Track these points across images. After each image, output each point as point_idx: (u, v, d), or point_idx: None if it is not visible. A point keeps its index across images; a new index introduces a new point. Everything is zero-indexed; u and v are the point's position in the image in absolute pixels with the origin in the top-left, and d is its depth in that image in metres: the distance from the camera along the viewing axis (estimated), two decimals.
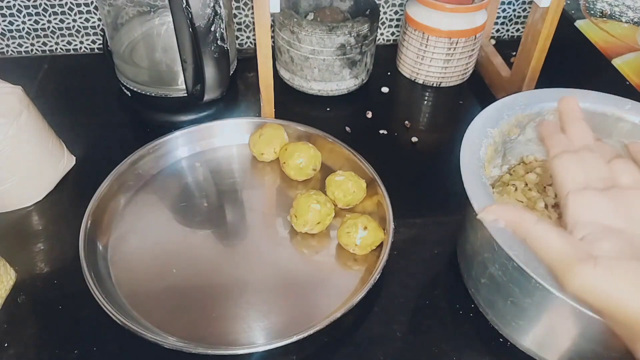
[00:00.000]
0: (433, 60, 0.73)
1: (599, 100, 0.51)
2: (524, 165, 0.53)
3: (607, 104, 0.51)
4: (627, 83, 0.66)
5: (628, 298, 0.28)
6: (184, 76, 0.60)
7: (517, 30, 0.86)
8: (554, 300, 0.38)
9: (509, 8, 0.83)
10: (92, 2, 0.74)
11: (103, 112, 0.69)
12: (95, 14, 0.75)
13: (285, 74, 0.73)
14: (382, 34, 0.84)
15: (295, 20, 0.66)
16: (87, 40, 0.78)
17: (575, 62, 0.72)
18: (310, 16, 0.73)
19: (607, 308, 0.30)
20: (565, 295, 0.31)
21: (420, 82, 0.76)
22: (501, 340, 0.47)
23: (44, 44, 0.78)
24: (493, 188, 0.53)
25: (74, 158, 0.61)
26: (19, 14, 0.74)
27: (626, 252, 0.30)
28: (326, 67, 0.69)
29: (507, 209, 0.35)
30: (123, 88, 0.67)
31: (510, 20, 0.85)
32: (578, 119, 0.38)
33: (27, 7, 0.73)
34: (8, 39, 0.76)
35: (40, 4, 0.73)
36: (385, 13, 0.81)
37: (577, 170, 0.35)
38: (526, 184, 0.51)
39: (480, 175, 0.42)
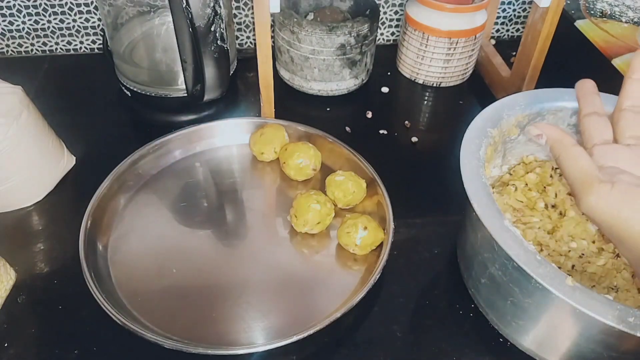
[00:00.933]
0: (433, 60, 0.73)
1: (604, 102, 0.51)
2: (524, 165, 0.53)
3: (607, 104, 0.51)
4: None
5: (636, 219, 0.31)
6: (184, 76, 0.60)
7: (517, 30, 0.86)
8: (554, 300, 0.38)
9: (509, 8, 0.83)
10: (92, 2, 0.74)
11: (103, 112, 0.69)
12: (95, 14, 0.75)
13: (285, 74, 0.73)
14: (382, 34, 0.84)
15: (295, 20, 0.66)
16: (87, 40, 0.78)
17: (575, 62, 0.72)
18: (310, 16, 0.73)
19: (616, 227, 0.32)
20: (583, 211, 0.34)
21: (420, 82, 0.76)
22: (501, 340, 0.47)
23: (44, 44, 0.78)
24: (493, 188, 0.53)
25: (74, 158, 0.61)
26: (19, 14, 0.74)
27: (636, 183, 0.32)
28: (326, 67, 0.69)
29: (551, 127, 0.37)
30: (123, 88, 0.67)
31: (510, 20, 0.85)
32: (634, 80, 0.40)
33: (27, 7, 0.73)
34: (8, 39, 0.76)
35: (40, 4, 0.73)
36: (385, 13, 0.81)
37: (604, 129, 0.38)
38: (526, 184, 0.51)
39: (480, 175, 0.42)
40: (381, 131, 0.68)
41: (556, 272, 0.36)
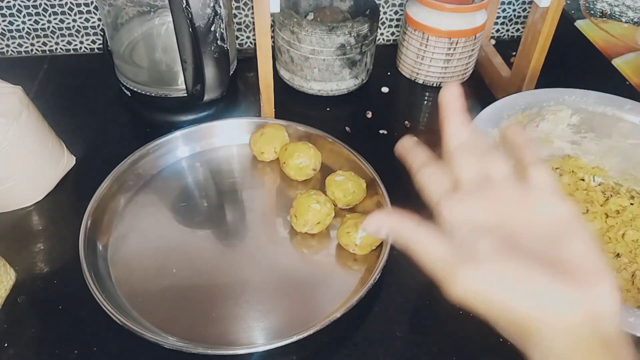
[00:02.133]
0: (433, 60, 0.73)
1: (599, 100, 0.51)
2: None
3: (607, 104, 0.51)
4: (627, 83, 0.66)
5: (513, 298, 0.27)
6: (184, 76, 0.60)
7: (517, 30, 0.86)
8: None
9: (509, 8, 0.83)
10: (92, 2, 0.74)
11: (103, 112, 0.69)
12: (95, 14, 0.75)
13: (285, 74, 0.73)
14: (382, 34, 0.84)
15: (295, 20, 0.66)
16: (87, 40, 0.78)
17: (575, 62, 0.72)
18: (310, 16, 0.73)
19: (494, 311, 0.29)
20: (456, 302, 0.30)
21: (420, 82, 0.76)
22: (501, 340, 0.46)
23: (44, 44, 0.78)
24: None
25: (74, 158, 0.61)
26: (19, 14, 0.74)
27: (504, 250, 0.28)
28: (326, 67, 0.69)
29: (387, 215, 0.33)
30: (123, 88, 0.67)
31: (510, 20, 0.85)
32: (455, 113, 0.36)
33: (27, 7, 0.73)
34: (8, 39, 0.76)
35: (40, 4, 0.73)
36: (385, 13, 0.81)
37: (441, 178, 0.34)
38: None
39: None
40: (381, 131, 0.68)
41: None
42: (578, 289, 0.27)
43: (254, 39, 0.61)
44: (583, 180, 0.56)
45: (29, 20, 0.75)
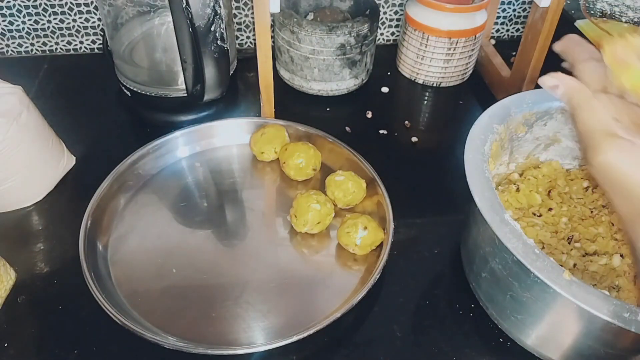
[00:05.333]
0: (433, 60, 0.73)
1: None
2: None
3: None
4: None
5: None
6: (184, 76, 0.60)
7: (517, 30, 0.86)
8: (552, 294, 0.38)
9: (509, 8, 0.83)
10: (92, 2, 0.74)
11: (103, 112, 0.69)
12: (95, 14, 0.75)
13: (285, 74, 0.73)
14: (382, 34, 0.84)
15: (295, 20, 0.66)
16: (87, 40, 0.78)
17: None
18: (310, 16, 0.73)
19: (623, 186, 0.31)
20: (597, 165, 0.32)
21: (420, 82, 0.76)
22: (501, 340, 0.47)
23: (44, 44, 0.78)
24: (499, 185, 0.53)
25: (74, 158, 0.61)
26: (19, 14, 0.74)
27: None
28: (326, 67, 0.69)
29: (568, 77, 0.35)
30: (123, 88, 0.67)
31: (510, 20, 0.85)
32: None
33: (27, 7, 0.73)
34: (8, 39, 0.76)
35: (40, 4, 0.73)
36: (385, 13, 0.81)
37: (603, 76, 0.35)
38: (531, 190, 0.51)
39: (483, 170, 0.42)
40: (381, 131, 0.68)
41: (553, 266, 0.36)
42: None
43: (254, 39, 0.61)
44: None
45: (29, 20, 0.75)
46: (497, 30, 0.86)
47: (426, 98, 0.75)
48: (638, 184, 0.30)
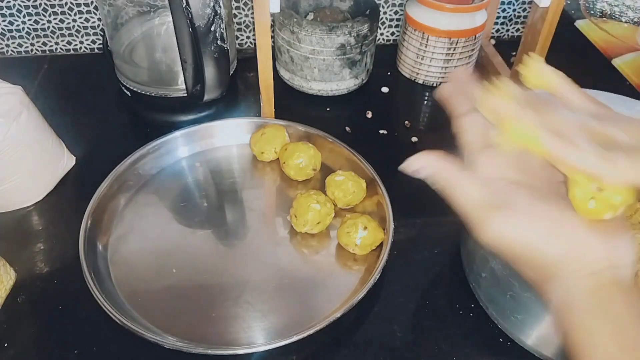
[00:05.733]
0: (433, 60, 0.73)
1: (610, 100, 0.50)
2: None
3: (617, 104, 0.50)
4: (627, 83, 0.66)
5: (541, 242, 0.30)
6: (184, 76, 0.60)
7: (517, 30, 0.86)
8: None
9: (509, 8, 0.83)
10: (92, 2, 0.74)
11: (103, 112, 0.69)
12: (95, 14, 0.75)
13: (285, 74, 0.73)
14: (382, 34, 0.84)
15: (295, 20, 0.66)
16: (87, 40, 0.78)
17: (575, 62, 0.72)
18: (310, 16, 0.73)
19: (521, 254, 0.31)
20: (487, 243, 0.32)
21: (420, 82, 0.76)
22: (501, 340, 0.47)
23: (44, 44, 0.78)
24: None
25: (74, 158, 0.61)
26: (19, 14, 0.74)
27: (538, 201, 0.31)
28: (326, 67, 0.69)
29: (429, 157, 0.34)
30: (123, 88, 0.67)
31: (510, 20, 0.85)
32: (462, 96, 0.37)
33: (27, 7, 0.73)
34: (8, 39, 0.76)
35: (40, 4, 0.73)
36: (385, 13, 0.81)
37: (482, 129, 0.34)
38: None
39: None
40: (381, 131, 0.68)
41: None
42: (602, 236, 0.29)
43: (254, 39, 0.61)
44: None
45: (29, 20, 0.75)
46: (497, 30, 0.86)
47: (426, 98, 0.75)
48: (530, 249, 0.30)
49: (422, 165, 0.34)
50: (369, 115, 0.70)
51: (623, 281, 0.29)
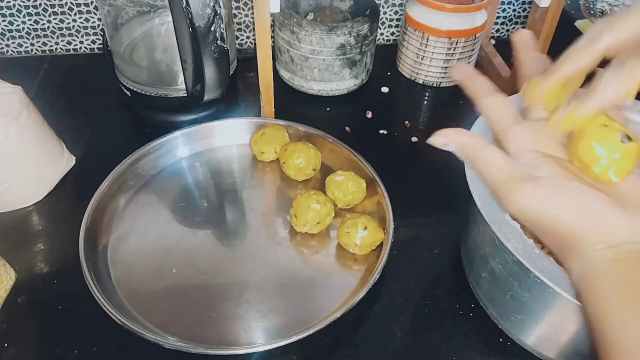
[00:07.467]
0: (433, 60, 0.73)
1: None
2: None
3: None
4: None
5: (565, 213, 0.31)
6: (184, 76, 0.60)
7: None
8: (552, 294, 0.38)
9: (509, 8, 0.83)
10: (92, 2, 0.74)
11: (103, 112, 0.69)
12: (95, 14, 0.75)
13: (285, 74, 0.73)
14: (382, 34, 0.84)
15: (295, 20, 0.66)
16: (87, 40, 0.78)
17: None
18: (310, 16, 0.73)
19: (545, 224, 0.31)
20: (511, 213, 0.33)
21: (420, 82, 0.76)
22: (501, 340, 0.47)
23: (44, 44, 0.78)
24: None
25: (74, 158, 0.61)
26: (19, 14, 0.74)
27: (564, 173, 0.32)
28: (326, 67, 0.69)
29: (457, 131, 0.35)
30: (123, 88, 0.67)
31: (510, 20, 0.85)
32: (530, 49, 0.40)
33: (27, 7, 0.73)
34: (8, 39, 0.76)
35: (40, 4, 0.73)
36: (385, 13, 0.81)
37: (506, 107, 0.36)
38: None
39: None
40: (381, 131, 0.68)
41: (553, 266, 0.36)
42: (627, 213, 0.30)
43: (254, 39, 0.61)
44: None
45: (29, 20, 0.75)
46: (497, 30, 0.86)
47: (426, 98, 0.75)
48: (554, 220, 0.31)
49: (452, 138, 0.35)
50: (369, 115, 0.70)
51: None
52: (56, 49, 0.79)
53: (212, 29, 0.54)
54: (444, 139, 0.35)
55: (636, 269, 0.29)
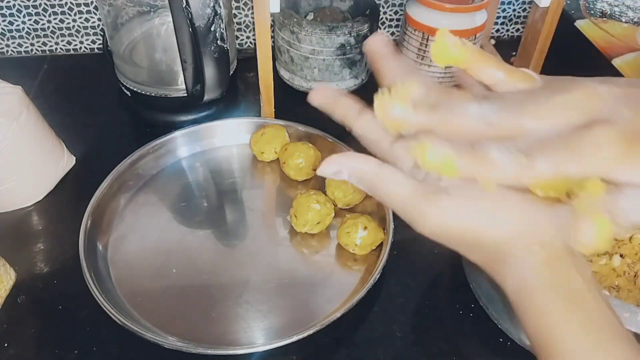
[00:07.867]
0: (433, 60, 0.72)
1: None
2: None
3: None
4: None
5: (485, 224, 0.27)
6: (184, 76, 0.60)
7: (517, 30, 0.86)
8: None
9: (509, 8, 0.83)
10: (92, 2, 0.74)
11: (103, 112, 0.69)
12: (95, 14, 0.75)
13: (285, 74, 0.73)
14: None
15: (295, 20, 0.66)
16: (87, 40, 0.78)
17: (575, 62, 0.72)
18: (310, 16, 0.73)
19: (466, 238, 0.28)
20: (429, 236, 0.29)
21: None
22: (501, 340, 0.47)
23: (44, 44, 0.78)
24: None
25: (74, 158, 0.61)
26: (19, 14, 0.74)
27: (467, 182, 0.27)
28: (326, 67, 0.69)
29: (348, 156, 0.30)
30: (123, 88, 0.67)
31: (510, 20, 0.85)
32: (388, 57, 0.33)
33: (27, 7, 0.73)
34: (8, 39, 0.76)
35: (40, 4, 0.73)
36: (385, 13, 0.81)
37: (378, 126, 0.31)
38: None
39: None
40: None
41: None
42: (546, 206, 0.27)
43: (254, 39, 0.61)
44: None
45: (29, 20, 0.75)
46: (497, 30, 0.86)
47: None
48: (474, 232, 0.28)
49: (343, 164, 0.30)
50: None
51: (575, 251, 0.26)
52: (56, 49, 0.79)
53: (212, 29, 0.54)
54: (335, 166, 0.30)
55: (570, 269, 0.26)
